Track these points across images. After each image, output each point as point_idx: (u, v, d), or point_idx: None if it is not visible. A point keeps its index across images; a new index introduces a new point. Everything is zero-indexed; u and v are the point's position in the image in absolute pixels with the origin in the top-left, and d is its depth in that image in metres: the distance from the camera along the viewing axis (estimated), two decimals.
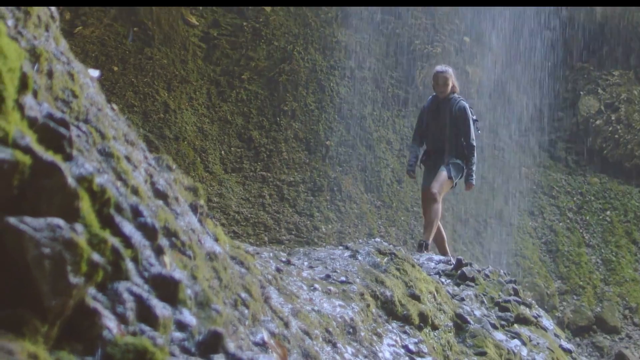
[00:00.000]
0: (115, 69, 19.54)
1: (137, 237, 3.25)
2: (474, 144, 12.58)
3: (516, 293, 10.36)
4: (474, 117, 12.85)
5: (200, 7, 21.71)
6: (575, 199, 23.65)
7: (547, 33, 25.46)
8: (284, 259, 7.72)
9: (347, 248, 8.89)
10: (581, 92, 25.28)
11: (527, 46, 25.05)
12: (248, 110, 20.66)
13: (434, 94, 12.94)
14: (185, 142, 19.19)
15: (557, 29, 25.51)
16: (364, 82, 22.15)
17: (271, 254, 7.59)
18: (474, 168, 12.69)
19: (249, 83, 21.06)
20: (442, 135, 12.66)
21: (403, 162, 21.76)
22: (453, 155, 12.62)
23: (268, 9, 22.17)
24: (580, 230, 22.80)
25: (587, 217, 23.22)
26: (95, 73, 5.06)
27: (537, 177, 23.88)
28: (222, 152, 19.66)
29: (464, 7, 24.20)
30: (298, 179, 19.33)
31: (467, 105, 12.69)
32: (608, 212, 23.38)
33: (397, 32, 23.78)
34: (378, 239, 9.44)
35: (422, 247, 12.35)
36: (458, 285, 10.00)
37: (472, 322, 8.62)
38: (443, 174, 12.57)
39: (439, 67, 13.02)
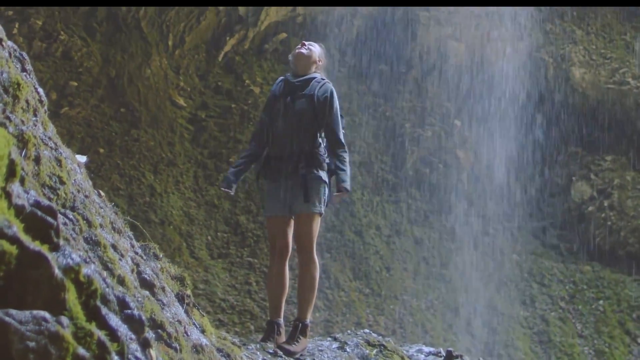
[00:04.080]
0: (101, 150, 19.51)
1: (123, 330, 3.19)
2: (343, 140, 8.82)
3: None
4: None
5: (189, 89, 21.80)
6: (567, 287, 23.42)
7: (539, 117, 25.55)
8: (271, 351, 7.62)
9: (335, 339, 8.77)
10: (573, 178, 25.21)
11: (519, 130, 25.05)
12: (235, 194, 20.60)
13: (285, 75, 9.09)
14: (171, 227, 19.09)
15: (549, 113, 25.57)
16: (353, 166, 22.11)
17: (258, 346, 7.50)
18: (348, 169, 8.77)
19: None
20: (295, 134, 8.63)
21: (393, 248, 21.64)
22: (311, 164, 8.59)
23: (257, 90, 22.32)
24: (573, 320, 22.58)
25: (580, 307, 22.97)
26: (82, 159, 5.02)
27: (528, 265, 23.70)
28: (209, 237, 19.55)
29: (452, 86, 24.37)
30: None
31: (333, 90, 8.83)
32: (601, 302, 23.11)
33: (387, 114, 23.88)
34: (367, 330, 9.32)
35: (297, 330, 8.36)
36: None
37: None
38: (307, 216, 8.52)
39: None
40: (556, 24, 26.07)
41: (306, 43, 8.94)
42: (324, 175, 8.60)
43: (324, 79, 8.84)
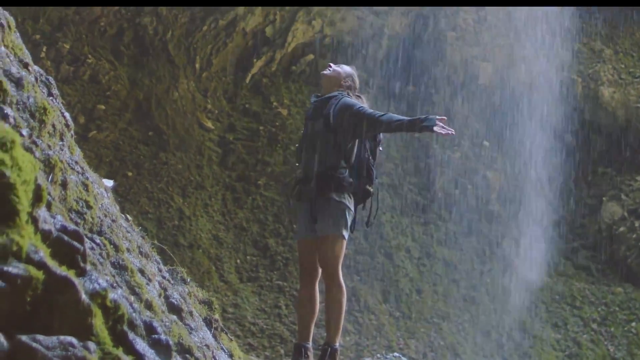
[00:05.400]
0: (130, 174, 19.58)
1: (150, 355, 3.17)
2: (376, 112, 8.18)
3: None
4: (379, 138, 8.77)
5: (216, 111, 21.89)
6: (599, 309, 23.09)
7: (568, 137, 25.39)
8: None
9: None
10: (604, 198, 24.93)
11: (548, 151, 24.89)
12: (264, 217, 20.58)
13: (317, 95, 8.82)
14: (200, 250, 19.09)
15: (578, 133, 25.41)
16: (382, 188, 22.07)
17: None
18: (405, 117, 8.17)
19: (265, 189, 21.04)
20: (313, 155, 8.34)
21: (423, 270, 21.52)
22: (325, 187, 8.18)
23: (285, 112, 22.36)
24: (605, 343, 22.27)
25: (612, 329, 22.64)
26: (109, 183, 5.02)
27: (559, 287, 23.44)
28: (238, 260, 19.53)
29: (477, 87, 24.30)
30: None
31: (354, 101, 8.34)
32: (633, 324, 22.76)
33: (415, 136, 23.78)
34: (397, 354, 9.23)
35: (326, 354, 8.01)
36: None
37: None
38: (327, 238, 8.07)
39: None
40: (585, 43, 25.99)
41: (333, 65, 8.68)
42: (341, 197, 8.17)
43: (342, 95, 8.42)
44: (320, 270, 8.21)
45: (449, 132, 7.73)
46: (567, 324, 22.61)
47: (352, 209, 8.25)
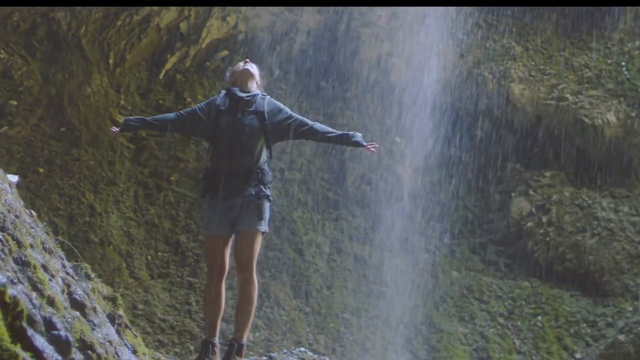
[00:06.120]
0: (41, 170, 19.34)
1: (49, 351, 3.18)
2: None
3: None
4: None
5: (129, 107, 21.68)
6: (506, 303, 23.29)
7: (478, 133, 25.63)
8: None
9: (270, 358, 8.76)
10: (512, 194, 25.16)
11: (459, 147, 25.11)
12: (176, 213, 20.47)
13: (230, 89, 8.77)
14: (111, 247, 18.93)
15: (489, 129, 25.65)
16: (294, 184, 22.12)
17: None
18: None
19: (177, 185, 20.94)
20: (245, 151, 8.36)
21: (333, 266, 21.59)
22: (260, 182, 8.40)
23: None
24: (511, 337, 22.49)
25: (519, 323, 22.84)
26: (14, 179, 5.00)
27: (467, 281, 23.61)
28: (149, 257, 19.40)
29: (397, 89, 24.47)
30: (225, 285, 19.19)
31: (281, 104, 8.88)
32: (539, 317, 22.99)
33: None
34: (303, 349, 9.28)
35: (233, 350, 8.15)
36: None
37: None
38: (252, 234, 8.31)
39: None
40: (496, 40, 26.29)
41: (249, 61, 8.92)
42: (269, 192, 8.43)
43: (265, 95, 8.72)
44: (228, 267, 8.33)
45: (374, 147, 8.68)
46: (475, 318, 22.82)
47: None
